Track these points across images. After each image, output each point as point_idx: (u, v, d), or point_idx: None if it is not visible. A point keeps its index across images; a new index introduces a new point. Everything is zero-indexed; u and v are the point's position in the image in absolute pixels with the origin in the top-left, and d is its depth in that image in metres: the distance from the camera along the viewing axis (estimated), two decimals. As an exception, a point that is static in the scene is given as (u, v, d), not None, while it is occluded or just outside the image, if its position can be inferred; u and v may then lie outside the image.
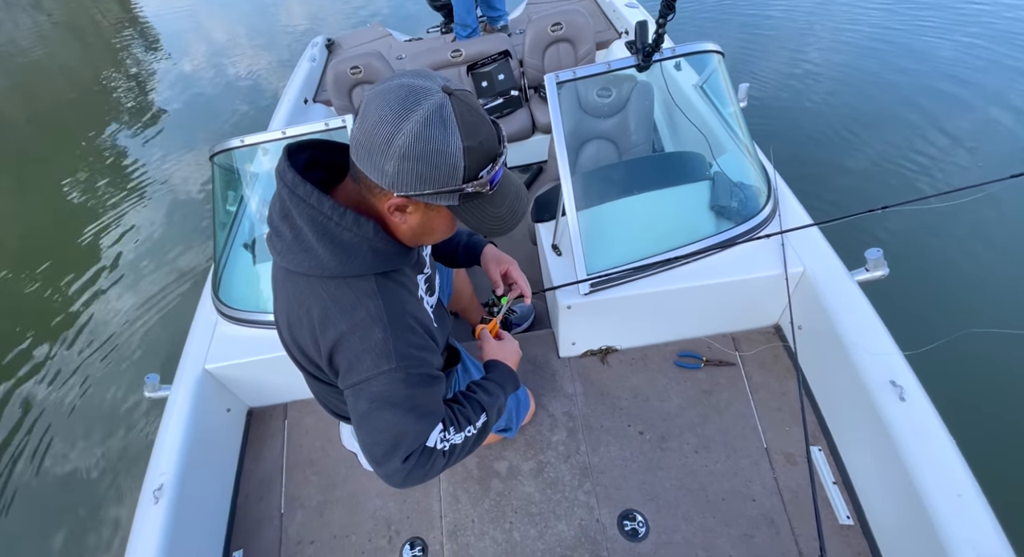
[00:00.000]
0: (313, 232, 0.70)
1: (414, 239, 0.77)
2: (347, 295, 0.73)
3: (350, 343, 0.73)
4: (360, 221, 0.70)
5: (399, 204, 0.68)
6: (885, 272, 1.46)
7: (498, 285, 1.15)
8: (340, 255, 0.71)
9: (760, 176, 1.66)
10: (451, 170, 0.64)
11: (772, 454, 1.37)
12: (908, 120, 3.38)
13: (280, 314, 0.83)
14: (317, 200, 0.69)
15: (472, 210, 0.70)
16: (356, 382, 0.74)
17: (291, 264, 0.74)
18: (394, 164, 0.63)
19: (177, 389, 1.49)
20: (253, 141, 1.59)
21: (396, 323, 0.74)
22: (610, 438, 1.47)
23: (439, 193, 0.66)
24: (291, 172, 0.71)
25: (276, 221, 0.74)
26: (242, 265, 1.77)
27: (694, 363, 1.60)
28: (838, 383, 1.33)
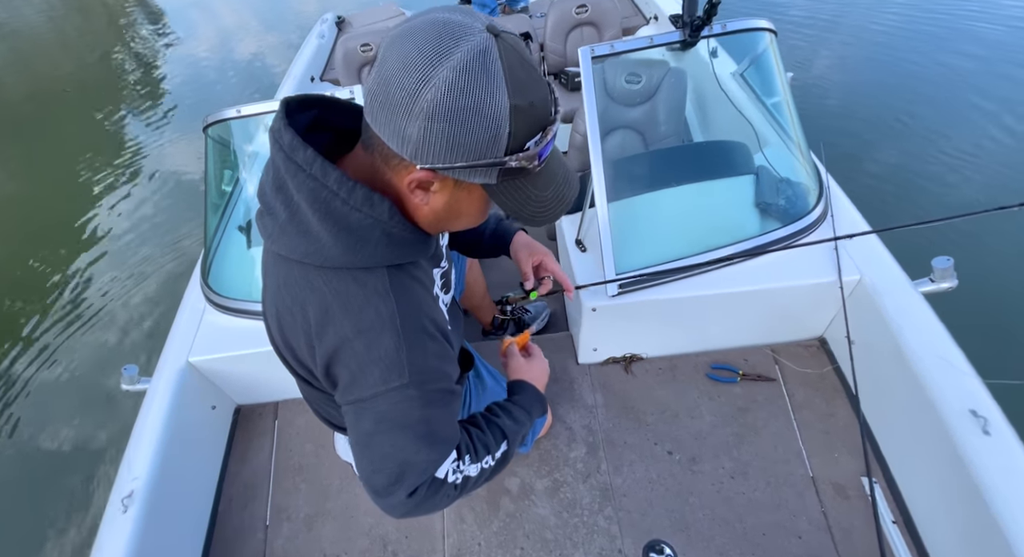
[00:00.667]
0: (314, 210, 0.56)
1: (436, 224, 0.62)
2: (353, 291, 0.58)
3: (354, 351, 0.58)
4: (373, 199, 0.56)
5: (422, 179, 0.54)
6: (954, 284, 1.30)
7: (528, 278, 1.00)
8: (347, 241, 0.57)
9: (811, 173, 1.50)
10: (492, 136, 0.49)
11: (819, 484, 1.22)
12: (984, 111, 3.08)
13: (269, 307, 0.68)
14: (320, 170, 0.55)
15: (512, 191, 0.55)
16: (359, 399, 0.60)
17: (284, 249, 0.59)
18: (420, 125, 0.48)
19: (157, 383, 1.35)
20: (251, 111, 1.44)
21: (411, 328, 0.59)
22: (634, 457, 1.32)
23: (474, 167, 0.51)
24: (288, 132, 0.55)
25: (268, 195, 0.60)
26: (235, 249, 1.62)
27: (729, 377, 1.45)
28: (900, 408, 1.17)
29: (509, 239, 1.02)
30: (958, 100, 3.25)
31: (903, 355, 1.14)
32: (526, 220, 0.58)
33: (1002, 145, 2.92)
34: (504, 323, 1.67)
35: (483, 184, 0.54)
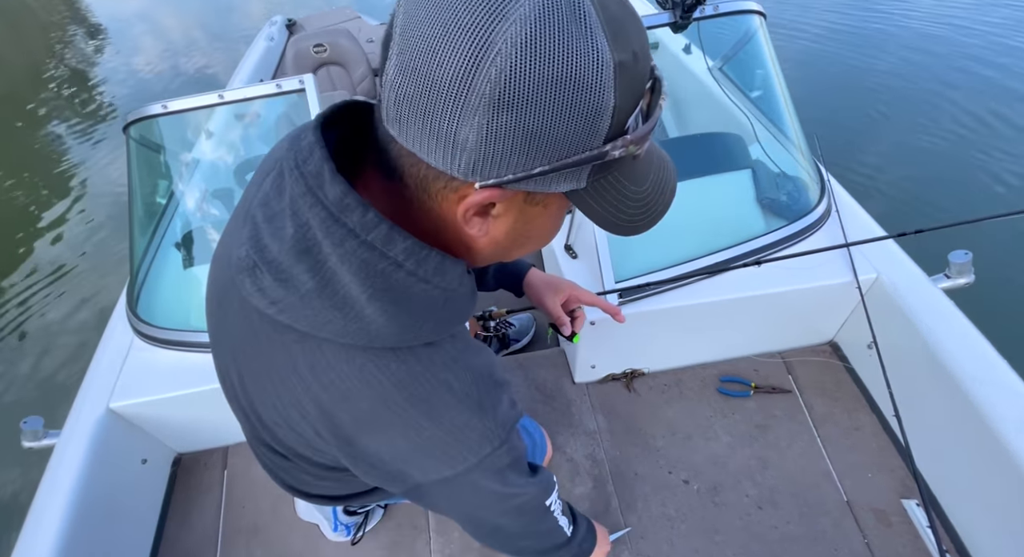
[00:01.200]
0: (364, 286, 0.39)
1: (492, 257, 0.46)
2: (417, 374, 0.43)
3: (429, 439, 0.45)
4: (446, 266, 0.40)
5: (483, 202, 0.36)
6: (971, 279, 1.22)
7: (564, 323, 0.86)
8: (405, 320, 0.40)
9: (810, 166, 1.40)
10: (591, 116, 0.32)
11: (856, 510, 1.09)
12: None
13: (256, 382, 0.49)
14: (385, 239, 0.38)
15: (604, 193, 0.38)
16: (448, 477, 0.48)
17: (303, 323, 0.41)
18: (479, 123, 0.31)
19: (68, 437, 1.09)
20: (179, 107, 1.22)
21: (487, 389, 0.47)
22: (648, 490, 1.16)
23: (562, 169, 0.34)
24: (338, 183, 0.37)
25: (278, 255, 0.40)
26: (170, 271, 1.38)
27: (742, 390, 1.31)
28: (937, 418, 1.06)
29: (521, 276, 0.89)
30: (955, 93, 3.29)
31: (936, 359, 1.03)
32: (622, 229, 0.41)
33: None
34: (487, 340, 1.49)
35: (569, 192, 0.37)
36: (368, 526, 1.13)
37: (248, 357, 0.49)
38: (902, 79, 3.48)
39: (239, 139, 1.65)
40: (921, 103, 3.28)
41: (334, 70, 2.72)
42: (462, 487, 0.50)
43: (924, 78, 3.47)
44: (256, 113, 1.70)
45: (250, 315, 0.45)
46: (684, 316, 1.20)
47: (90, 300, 2.71)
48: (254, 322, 0.45)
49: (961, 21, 4.03)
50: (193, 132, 1.48)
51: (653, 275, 1.18)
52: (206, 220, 1.47)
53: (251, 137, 1.65)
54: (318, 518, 1.10)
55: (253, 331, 0.46)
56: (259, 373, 0.48)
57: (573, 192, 0.37)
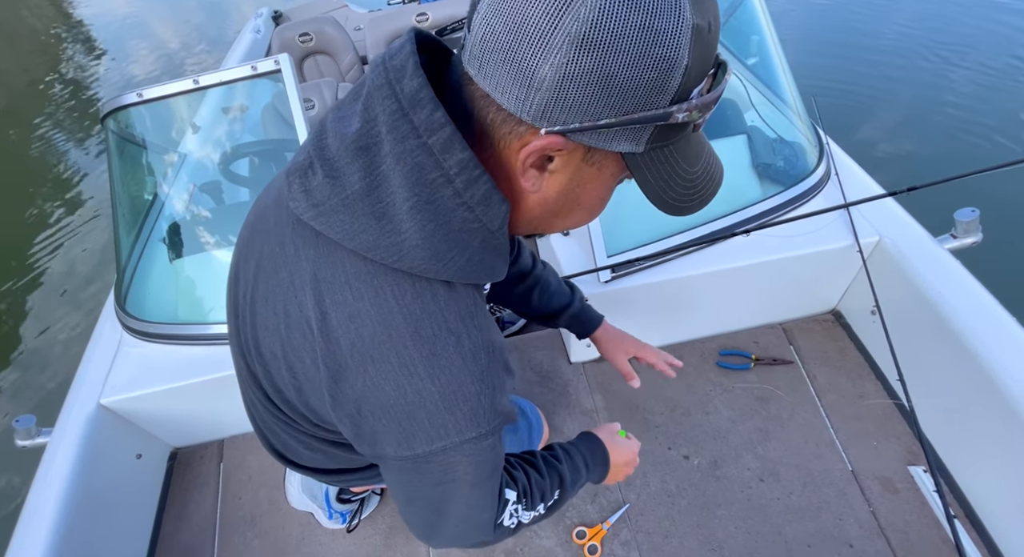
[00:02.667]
0: (410, 194, 0.38)
1: (540, 220, 0.46)
2: (431, 312, 0.42)
3: (418, 395, 0.42)
4: (493, 199, 0.39)
5: (547, 149, 0.37)
6: (979, 238, 1.17)
7: (632, 378, 0.89)
8: (439, 245, 0.40)
9: (808, 130, 1.35)
10: (665, 72, 0.33)
11: (862, 479, 1.06)
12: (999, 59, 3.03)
13: (270, 301, 0.48)
14: (446, 144, 0.37)
15: (658, 165, 0.39)
16: (419, 454, 0.44)
17: (338, 231, 0.41)
18: (561, 61, 0.32)
19: (60, 435, 1.09)
20: (156, 94, 1.19)
21: (494, 365, 0.44)
22: (647, 466, 1.13)
23: (627, 124, 0.35)
24: (418, 76, 0.37)
25: (335, 151, 0.40)
26: (159, 265, 1.36)
27: (742, 363, 1.28)
28: (945, 382, 1.02)
29: (593, 328, 0.91)
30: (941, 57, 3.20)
31: (944, 321, 0.99)
32: (669, 207, 0.42)
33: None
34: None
35: (625, 153, 0.38)
36: (364, 513, 1.12)
37: (267, 275, 0.48)
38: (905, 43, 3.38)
39: (225, 132, 1.63)
40: (924, 68, 3.19)
41: (321, 59, 2.67)
42: (429, 472, 0.46)
43: (927, 42, 3.36)
44: (242, 106, 1.67)
45: (284, 230, 0.46)
46: (679, 289, 1.17)
47: (89, 302, 2.72)
48: (286, 236, 0.45)
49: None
50: (176, 123, 1.45)
51: (645, 249, 1.15)
52: (192, 213, 1.45)
53: (236, 131, 1.62)
54: (311, 506, 1.09)
55: (281, 245, 0.46)
56: (274, 290, 0.47)
57: (631, 156, 0.38)
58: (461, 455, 0.44)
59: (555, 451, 0.69)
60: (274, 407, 0.57)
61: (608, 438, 0.75)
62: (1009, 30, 3.39)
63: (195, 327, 1.17)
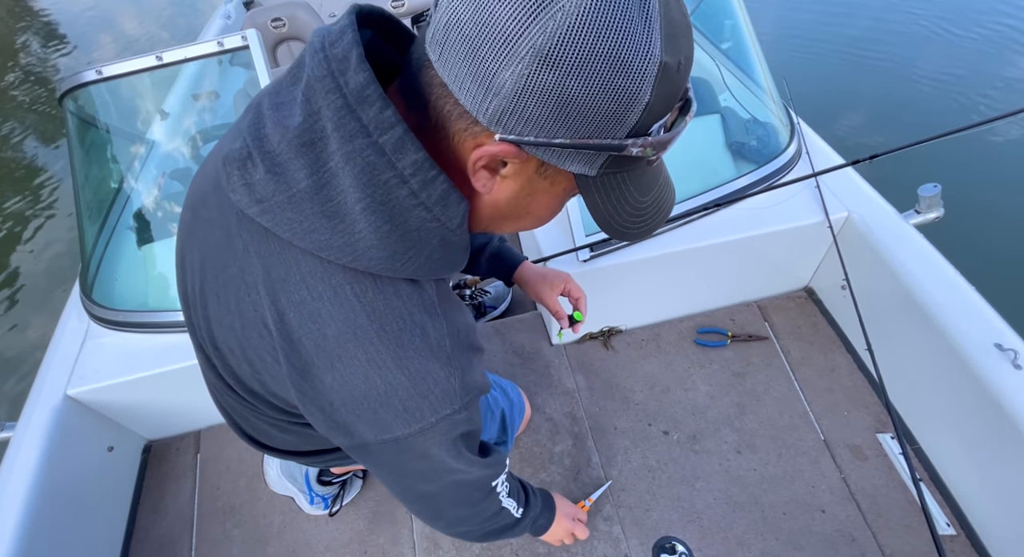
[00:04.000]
0: (363, 195, 0.36)
1: (488, 221, 0.45)
2: (395, 308, 0.41)
3: (391, 387, 0.42)
4: (450, 199, 0.38)
5: (498, 156, 0.36)
6: (940, 213, 1.21)
7: (562, 317, 0.88)
8: (396, 245, 0.39)
9: (780, 110, 1.37)
10: (625, 104, 0.33)
11: (834, 448, 1.09)
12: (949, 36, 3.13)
13: (223, 297, 0.46)
14: (397, 144, 0.35)
15: (609, 191, 0.39)
16: (395, 437, 0.45)
17: (287, 229, 0.39)
18: (522, 72, 0.31)
19: (24, 428, 1.05)
20: (115, 72, 1.15)
21: (461, 348, 0.45)
22: (628, 443, 1.15)
23: (581, 148, 0.35)
24: (363, 70, 0.35)
25: (277, 144, 0.38)
26: (126, 252, 1.32)
27: (719, 340, 1.30)
28: (910, 351, 1.06)
29: (514, 267, 0.89)
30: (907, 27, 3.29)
31: (909, 293, 1.02)
32: (614, 231, 0.42)
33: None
34: (463, 309, 1.46)
35: (577, 174, 0.38)
36: (347, 498, 1.11)
37: (216, 269, 0.46)
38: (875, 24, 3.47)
39: (195, 120, 1.58)
40: (891, 44, 3.29)
41: (295, 45, 2.60)
42: (411, 450, 0.46)
43: (902, 23, 3.46)
44: (213, 93, 1.62)
45: (228, 220, 0.43)
46: (657, 266, 1.18)
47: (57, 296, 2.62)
48: (231, 228, 0.43)
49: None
50: (142, 105, 1.40)
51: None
52: (162, 200, 1.40)
53: (206, 118, 1.58)
54: (292, 491, 1.08)
55: (228, 238, 0.44)
56: (225, 286, 0.45)
57: (582, 178, 0.38)
58: (438, 432, 0.45)
59: (527, 488, 0.77)
60: (239, 395, 0.56)
61: (562, 506, 0.88)
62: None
63: (166, 314, 1.13)
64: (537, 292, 0.88)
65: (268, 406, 0.55)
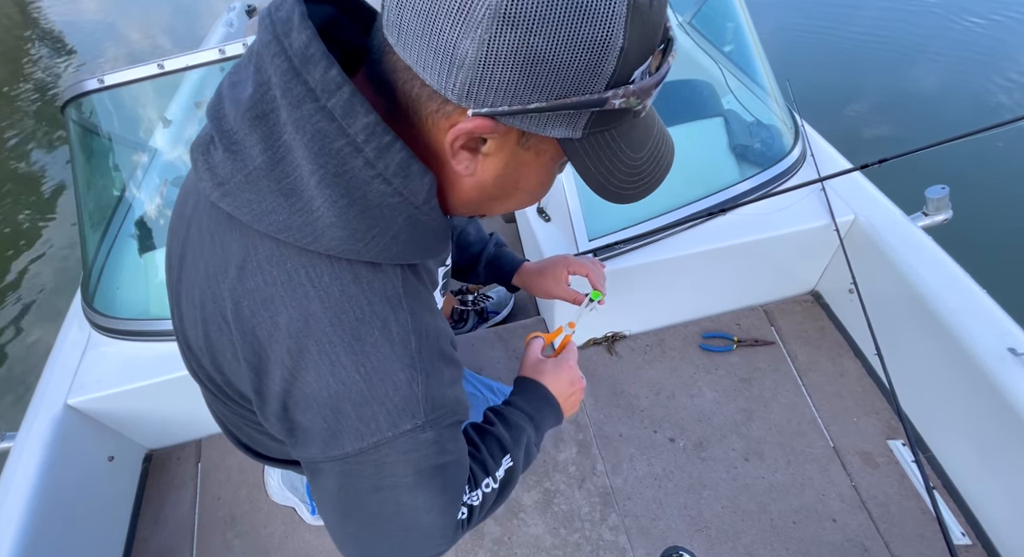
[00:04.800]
0: (316, 166, 0.34)
1: (476, 204, 0.43)
2: (352, 295, 0.38)
3: (344, 387, 0.38)
4: (412, 169, 0.35)
5: (475, 132, 0.34)
6: (949, 215, 1.19)
7: (581, 299, 0.80)
8: (356, 222, 0.36)
9: (784, 113, 1.36)
10: (596, 53, 0.30)
11: (843, 455, 1.07)
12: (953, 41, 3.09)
13: (188, 294, 0.45)
14: (346, 106, 0.33)
15: (599, 151, 0.36)
16: (346, 454, 0.39)
17: (246, 211, 0.37)
18: (482, 38, 0.29)
19: (24, 438, 1.04)
20: (118, 80, 1.15)
21: (428, 351, 0.41)
22: (633, 450, 1.13)
23: (559, 108, 0.32)
24: (306, 28, 0.33)
25: (233, 120, 0.36)
26: (128, 260, 1.32)
27: (724, 345, 1.29)
28: (920, 356, 1.04)
29: (513, 270, 0.84)
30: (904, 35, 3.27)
31: (919, 297, 1.01)
32: (611, 195, 0.39)
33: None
34: (464, 314, 1.45)
35: (562, 139, 0.35)
36: (349, 507, 1.10)
37: (187, 266, 0.44)
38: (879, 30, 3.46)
39: (197, 127, 1.58)
40: (894, 48, 3.27)
41: None
42: (361, 477, 0.40)
43: (899, 27, 3.45)
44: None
45: (201, 214, 0.42)
46: (662, 271, 1.17)
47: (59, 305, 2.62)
48: (203, 221, 0.42)
49: None
50: (143, 113, 1.40)
51: (626, 232, 1.14)
52: (164, 207, 1.40)
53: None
54: (293, 500, 1.06)
55: (199, 232, 0.42)
56: (191, 281, 0.44)
57: (568, 142, 0.35)
58: (396, 452, 0.39)
59: (486, 415, 0.61)
60: (220, 400, 0.53)
61: (535, 371, 0.65)
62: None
63: (167, 322, 1.13)
64: (543, 288, 0.82)
65: (249, 411, 0.51)
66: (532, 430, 0.60)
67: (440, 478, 0.43)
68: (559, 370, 0.65)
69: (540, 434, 0.62)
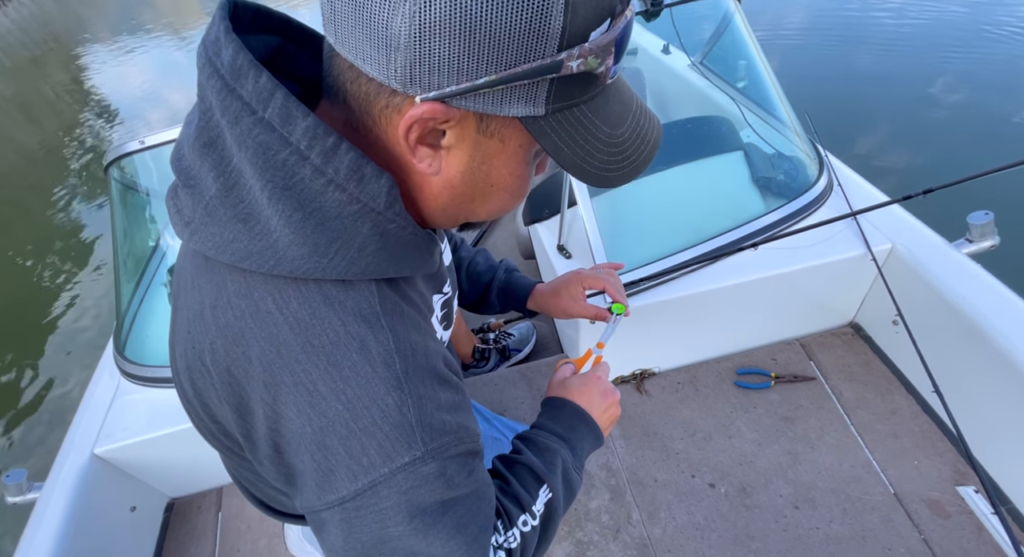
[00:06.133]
0: (264, 181, 0.33)
1: (453, 207, 0.40)
2: (322, 317, 0.35)
3: (326, 421, 0.34)
4: (365, 172, 0.33)
5: (426, 119, 0.31)
6: (996, 241, 1.13)
7: (604, 317, 0.74)
8: (316, 236, 0.34)
9: (804, 143, 1.34)
10: (538, 5, 0.27)
11: (907, 503, 0.97)
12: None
13: (178, 343, 0.43)
14: (282, 113, 0.32)
15: (570, 129, 0.33)
16: (342, 499, 0.35)
17: (211, 246, 0.35)
18: (411, 8, 0.27)
19: (51, 490, 1.04)
20: (159, 140, 1.21)
21: (417, 371, 0.36)
22: (671, 497, 1.06)
23: (509, 81, 0.29)
24: (232, 43, 0.32)
25: (189, 157, 0.36)
26: (159, 309, 1.35)
27: (761, 382, 1.22)
28: (983, 391, 0.96)
29: (526, 292, 0.79)
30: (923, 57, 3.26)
31: (974, 327, 0.94)
32: (594, 178, 0.36)
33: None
34: (486, 352, 1.43)
35: (524, 118, 0.32)
36: (370, 561, 1.04)
37: (176, 317, 0.43)
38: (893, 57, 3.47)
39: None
40: (914, 76, 3.26)
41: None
42: (362, 526, 0.35)
43: (913, 52, 3.46)
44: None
45: (186, 264, 0.41)
46: (689, 307, 1.13)
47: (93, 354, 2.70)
48: (187, 267, 0.41)
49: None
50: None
51: (650, 267, 1.12)
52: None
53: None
54: (314, 554, 1.02)
55: (184, 278, 0.41)
56: (177, 329, 0.42)
57: (532, 121, 0.32)
58: (397, 492, 0.35)
59: (514, 446, 0.55)
60: (229, 454, 0.50)
61: (561, 389, 0.60)
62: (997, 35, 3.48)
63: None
64: (559, 308, 0.77)
65: (250, 464, 0.47)
66: (568, 452, 0.54)
67: (452, 515, 0.38)
68: (586, 383, 0.59)
69: (579, 458, 0.55)
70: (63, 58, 9.25)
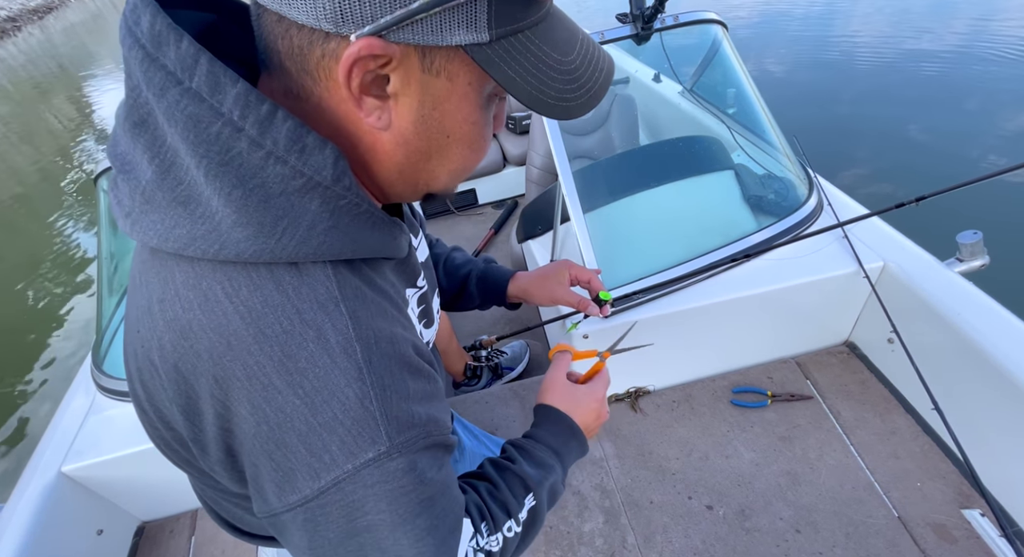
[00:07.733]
0: (199, 158, 0.30)
1: (410, 168, 0.37)
2: (274, 303, 0.32)
3: (283, 417, 0.32)
4: (306, 141, 0.31)
5: (364, 58, 0.29)
6: (986, 261, 1.14)
7: (587, 305, 0.74)
8: (260, 214, 0.31)
9: (794, 164, 1.37)
10: None
11: (912, 527, 0.93)
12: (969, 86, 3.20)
13: (128, 344, 0.40)
14: (210, 79, 0.29)
15: (520, 58, 0.32)
16: (305, 499, 0.33)
17: (153, 235, 0.33)
18: None
19: (12, 510, 0.98)
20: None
21: (381, 358, 0.34)
22: (667, 519, 1.01)
23: (444, 3, 0.28)
24: (148, 6, 0.30)
25: (124, 141, 0.33)
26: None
27: (758, 401, 1.19)
28: (984, 410, 0.94)
29: (506, 280, 0.77)
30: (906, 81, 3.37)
31: (973, 346, 0.92)
32: (551, 108, 0.33)
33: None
34: (478, 370, 1.39)
35: (469, 47, 0.30)
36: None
37: (128, 312, 0.39)
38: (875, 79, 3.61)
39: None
40: (894, 100, 3.38)
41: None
42: (327, 524, 0.33)
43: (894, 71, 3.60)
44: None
45: (136, 263, 0.39)
46: (685, 321, 1.12)
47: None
48: (136, 268, 0.38)
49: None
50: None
51: (643, 282, 1.11)
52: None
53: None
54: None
55: (133, 281, 0.38)
56: (128, 333, 0.39)
57: (478, 50, 0.30)
58: (364, 487, 0.33)
59: (507, 451, 0.53)
60: (189, 468, 0.46)
61: (565, 398, 0.56)
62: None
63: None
64: (545, 291, 0.74)
65: (211, 478, 0.43)
66: (560, 468, 0.53)
67: (425, 516, 0.36)
68: (590, 402, 0.57)
69: (566, 470, 0.55)
70: (67, 86, 9.41)
